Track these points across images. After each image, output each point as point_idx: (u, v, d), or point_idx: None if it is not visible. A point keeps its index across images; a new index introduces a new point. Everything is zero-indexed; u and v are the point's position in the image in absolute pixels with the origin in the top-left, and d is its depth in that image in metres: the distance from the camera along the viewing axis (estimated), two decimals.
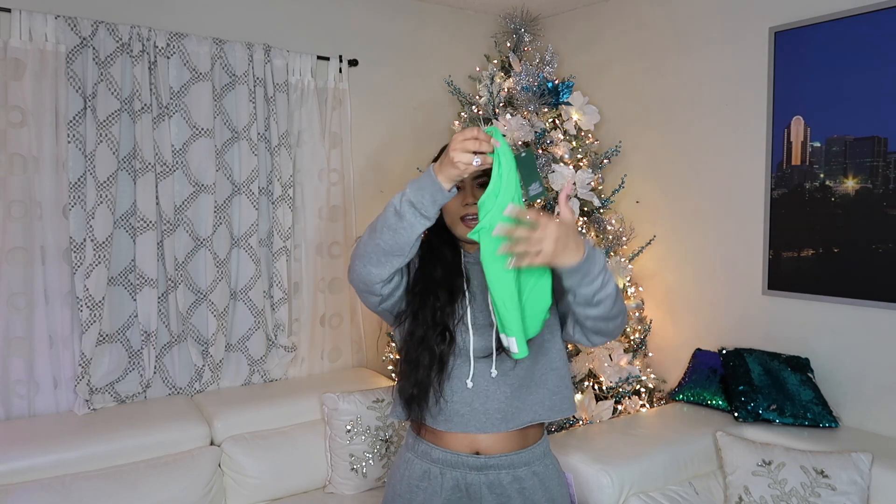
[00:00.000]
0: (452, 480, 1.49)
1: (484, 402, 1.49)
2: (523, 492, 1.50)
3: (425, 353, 1.48)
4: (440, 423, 1.50)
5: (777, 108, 2.72)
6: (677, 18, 3.07)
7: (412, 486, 1.53)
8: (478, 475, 1.49)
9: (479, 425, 1.49)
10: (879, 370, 2.49)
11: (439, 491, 1.50)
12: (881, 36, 2.41)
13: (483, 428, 1.49)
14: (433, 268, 1.55)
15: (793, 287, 2.70)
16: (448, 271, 1.55)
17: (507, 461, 1.50)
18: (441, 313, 1.50)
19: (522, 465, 1.51)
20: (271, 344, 2.97)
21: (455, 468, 1.50)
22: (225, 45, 2.79)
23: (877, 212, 2.45)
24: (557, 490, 1.56)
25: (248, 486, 2.45)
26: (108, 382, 2.62)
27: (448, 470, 1.50)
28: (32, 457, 2.19)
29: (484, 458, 1.49)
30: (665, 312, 3.18)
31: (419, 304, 1.51)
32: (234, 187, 2.85)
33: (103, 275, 2.55)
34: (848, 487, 2.13)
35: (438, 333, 1.49)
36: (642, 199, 3.25)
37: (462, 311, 1.52)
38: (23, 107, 2.43)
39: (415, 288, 1.54)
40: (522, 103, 3.00)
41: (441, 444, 1.52)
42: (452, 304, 1.52)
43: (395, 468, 1.60)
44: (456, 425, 1.49)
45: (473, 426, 1.49)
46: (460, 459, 1.50)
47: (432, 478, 1.51)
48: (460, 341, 1.50)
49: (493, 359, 1.50)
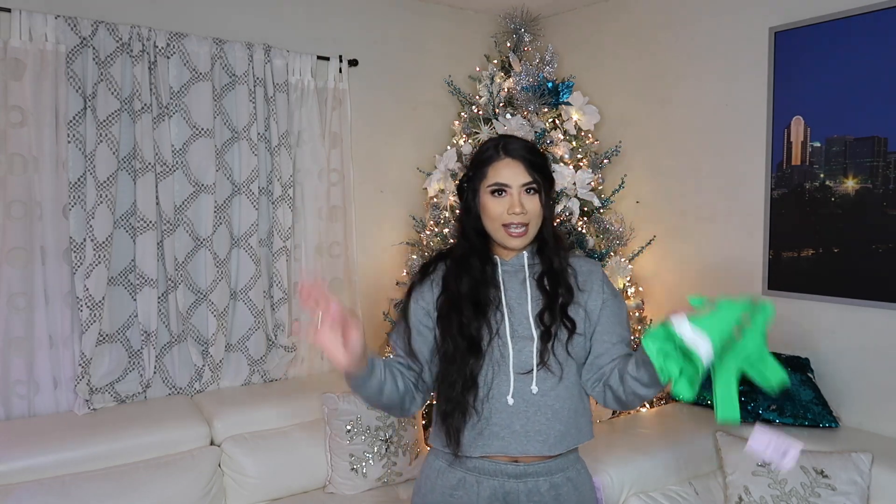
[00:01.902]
0: (490, 489, 1.45)
1: (525, 424, 1.43)
2: (559, 498, 1.47)
3: (454, 369, 1.43)
4: (478, 448, 1.45)
5: (777, 108, 2.71)
6: (678, 18, 3.07)
7: (446, 494, 1.48)
8: (517, 483, 1.45)
9: (520, 447, 1.44)
10: (879, 370, 2.49)
11: (476, 500, 1.45)
12: (881, 36, 2.41)
13: (524, 450, 1.44)
14: (459, 281, 1.47)
15: (793, 287, 2.70)
16: (476, 283, 1.47)
17: (545, 468, 1.46)
18: (467, 327, 1.43)
19: (559, 471, 1.48)
20: (271, 344, 2.97)
21: (493, 476, 1.46)
22: (225, 45, 2.79)
23: (877, 212, 2.45)
24: (588, 495, 1.54)
25: (248, 486, 2.45)
26: (108, 382, 2.62)
27: (485, 478, 1.46)
28: (32, 457, 2.19)
29: (523, 465, 1.45)
30: (665, 312, 3.18)
31: (445, 323, 1.46)
32: (234, 187, 2.85)
33: (103, 275, 2.55)
34: (848, 487, 2.13)
35: (466, 348, 1.43)
36: (642, 199, 3.25)
37: (497, 324, 1.45)
38: (23, 107, 2.43)
39: (441, 310, 1.48)
40: (522, 103, 3.00)
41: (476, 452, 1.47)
42: (481, 316, 1.45)
43: (426, 477, 1.54)
44: (494, 448, 1.44)
45: (514, 448, 1.44)
46: (498, 468, 1.45)
47: (468, 486, 1.47)
48: (498, 356, 1.44)
49: (533, 374, 1.43)
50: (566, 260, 1.52)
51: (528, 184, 1.44)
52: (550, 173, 1.50)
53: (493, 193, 1.44)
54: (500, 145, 1.47)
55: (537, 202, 1.45)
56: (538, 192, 1.45)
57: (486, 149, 1.49)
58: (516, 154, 1.45)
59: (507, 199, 1.44)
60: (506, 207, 1.43)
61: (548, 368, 1.43)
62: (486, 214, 1.47)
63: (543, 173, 1.47)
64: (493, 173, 1.45)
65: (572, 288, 1.49)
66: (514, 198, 1.43)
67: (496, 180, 1.44)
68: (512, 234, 1.45)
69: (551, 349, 1.44)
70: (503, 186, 1.44)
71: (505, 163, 1.45)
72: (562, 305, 1.47)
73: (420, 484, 1.56)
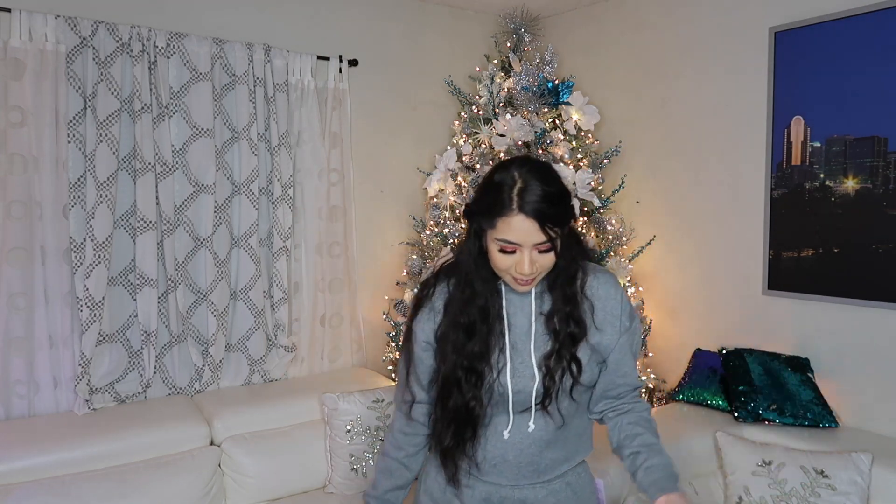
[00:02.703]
0: (485, 492, 1.46)
1: (517, 455, 1.42)
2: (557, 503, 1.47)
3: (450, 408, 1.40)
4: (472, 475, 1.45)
5: (777, 108, 2.72)
6: (677, 18, 3.07)
7: (449, 491, 1.49)
8: (512, 490, 1.45)
9: (511, 477, 1.44)
10: (879, 370, 2.49)
11: (470, 500, 1.47)
12: (881, 36, 2.41)
13: (515, 481, 1.43)
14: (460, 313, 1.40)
15: (793, 287, 2.70)
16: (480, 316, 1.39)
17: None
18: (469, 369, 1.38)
19: (557, 478, 1.47)
20: (271, 344, 2.97)
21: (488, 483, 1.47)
22: (225, 45, 2.79)
23: (877, 212, 2.45)
24: (589, 498, 1.53)
25: (248, 486, 2.45)
26: (108, 382, 2.62)
27: (479, 484, 1.47)
28: (32, 457, 2.19)
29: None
30: (665, 312, 3.18)
31: (444, 356, 1.41)
32: (234, 187, 2.85)
33: (103, 275, 2.55)
34: (848, 487, 2.13)
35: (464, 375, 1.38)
36: (642, 199, 3.25)
37: (503, 364, 1.39)
38: (23, 107, 2.43)
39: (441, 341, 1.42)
40: (522, 103, 3.00)
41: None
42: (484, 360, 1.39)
43: (428, 473, 1.56)
44: (487, 475, 1.44)
45: (507, 475, 1.44)
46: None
47: (462, 488, 1.47)
48: (497, 395, 1.39)
49: (531, 413, 1.41)
50: (583, 283, 1.41)
51: (541, 243, 1.28)
52: (567, 212, 1.32)
53: (500, 250, 1.30)
54: (517, 194, 1.27)
55: (551, 258, 1.31)
56: (553, 247, 1.30)
57: (500, 190, 1.29)
58: (531, 211, 1.25)
59: (516, 255, 1.29)
60: (513, 263, 1.30)
61: (548, 413, 1.40)
62: (492, 261, 1.34)
63: (562, 221, 1.30)
64: (504, 228, 1.27)
65: (584, 324, 1.39)
66: (525, 256, 1.29)
67: (506, 237, 1.28)
68: (519, 282, 1.33)
69: (554, 397, 1.38)
70: (514, 245, 1.28)
71: (518, 220, 1.26)
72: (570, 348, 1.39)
73: (423, 480, 1.57)
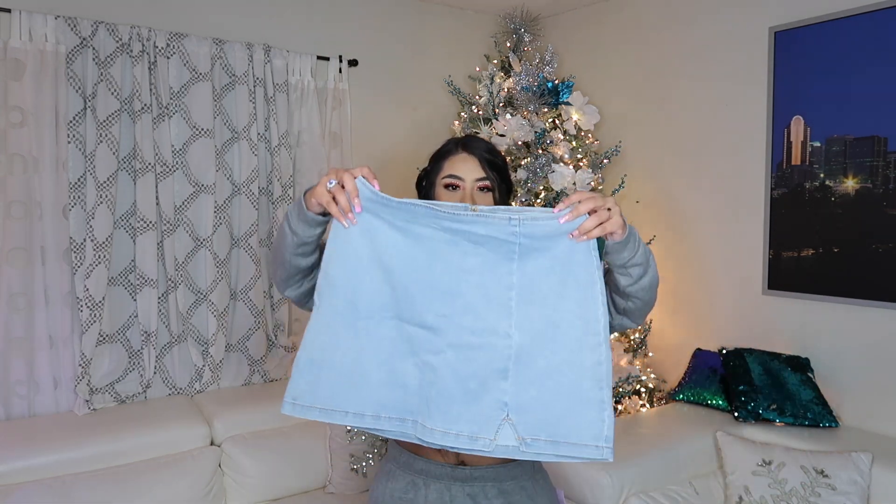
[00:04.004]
0: (437, 492, 1.42)
1: None
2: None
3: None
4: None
5: (777, 108, 2.71)
6: (677, 18, 3.07)
7: (395, 498, 1.45)
8: (462, 486, 1.41)
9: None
10: (879, 370, 2.49)
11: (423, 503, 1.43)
12: (881, 36, 2.41)
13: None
14: None
15: (793, 287, 2.70)
16: None
17: (493, 474, 1.42)
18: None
19: (509, 479, 1.43)
20: (271, 344, 2.97)
21: (439, 479, 1.42)
22: (225, 45, 2.79)
23: (877, 212, 2.45)
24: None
25: (248, 486, 2.45)
26: (108, 382, 2.62)
27: (432, 481, 1.43)
28: (32, 457, 2.19)
29: (469, 469, 1.42)
30: (665, 312, 3.18)
31: None
32: (234, 187, 2.85)
33: (103, 275, 2.55)
34: (848, 487, 2.13)
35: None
36: (642, 199, 3.25)
37: None
38: (23, 107, 2.43)
39: None
40: (522, 103, 3.00)
41: (423, 453, 1.44)
42: None
43: (378, 480, 1.52)
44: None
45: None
46: (444, 471, 1.42)
47: (417, 490, 1.44)
48: None
49: None
50: None
51: (481, 179, 1.40)
52: (509, 178, 1.45)
53: (446, 187, 1.41)
54: (461, 142, 1.44)
55: (490, 201, 1.40)
56: (492, 192, 1.40)
57: (446, 144, 1.47)
58: (474, 151, 1.42)
59: (458, 193, 1.40)
60: (457, 201, 1.38)
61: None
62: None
63: (501, 175, 1.43)
64: (449, 166, 1.42)
65: None
66: (467, 192, 1.39)
67: (450, 173, 1.41)
68: None
69: None
70: (457, 180, 1.40)
71: (461, 157, 1.41)
72: None
73: (374, 487, 1.54)
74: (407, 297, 1.21)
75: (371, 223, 1.22)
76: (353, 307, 1.22)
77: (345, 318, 1.22)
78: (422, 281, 1.21)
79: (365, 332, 1.22)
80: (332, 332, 1.22)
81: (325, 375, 1.22)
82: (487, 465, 1.42)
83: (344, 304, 1.22)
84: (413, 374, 1.23)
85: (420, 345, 1.22)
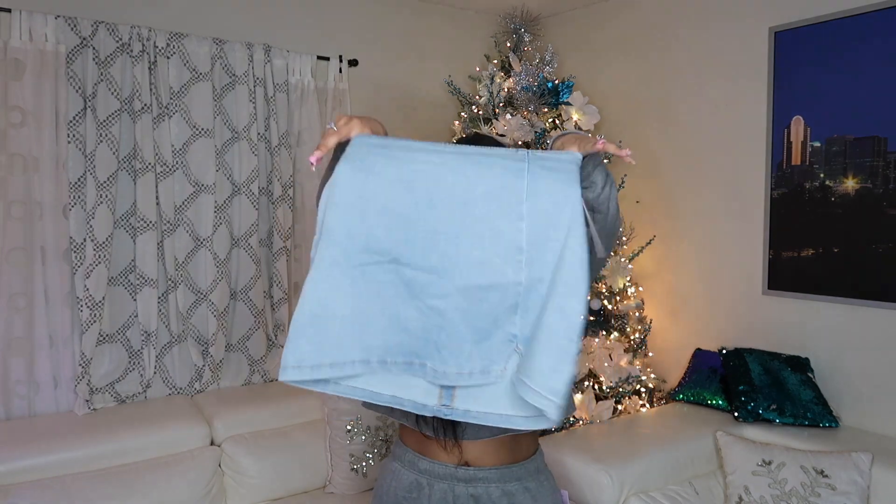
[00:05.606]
0: (440, 492, 1.43)
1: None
2: None
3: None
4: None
5: (777, 108, 2.72)
6: (677, 18, 3.08)
7: (399, 497, 1.46)
8: (466, 487, 1.42)
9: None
10: (879, 370, 2.49)
11: (427, 503, 1.43)
12: (881, 36, 2.41)
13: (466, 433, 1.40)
14: None
15: (793, 287, 2.70)
16: None
17: (497, 475, 1.43)
18: None
19: (513, 479, 1.44)
20: (271, 344, 2.97)
21: (443, 480, 1.43)
22: (225, 45, 2.79)
23: (877, 212, 2.45)
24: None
25: (248, 486, 2.45)
26: (108, 382, 2.62)
27: (436, 481, 1.43)
28: (32, 457, 2.19)
29: (472, 469, 1.42)
30: (665, 312, 3.18)
31: None
32: (234, 187, 2.85)
33: (103, 275, 2.55)
34: (848, 487, 2.13)
35: None
36: (642, 199, 3.25)
37: None
38: (23, 107, 2.43)
39: None
40: (522, 103, 3.01)
41: (428, 454, 1.45)
42: None
43: (382, 479, 1.53)
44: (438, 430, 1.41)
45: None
46: (447, 471, 1.43)
47: (421, 489, 1.45)
48: None
49: None
50: None
51: None
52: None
53: None
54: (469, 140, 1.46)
55: None
56: None
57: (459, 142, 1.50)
58: None
59: None
60: None
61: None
62: None
63: None
64: None
65: None
66: None
67: None
68: None
69: None
70: None
71: None
72: None
73: (378, 486, 1.54)
74: (407, 240, 1.16)
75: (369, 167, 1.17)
76: (350, 254, 1.17)
77: (342, 268, 1.17)
78: (422, 221, 1.16)
79: (362, 277, 1.17)
80: (331, 283, 1.17)
81: (329, 327, 1.17)
82: (491, 465, 1.43)
83: (341, 252, 1.17)
84: (415, 318, 1.19)
85: (422, 289, 1.17)
